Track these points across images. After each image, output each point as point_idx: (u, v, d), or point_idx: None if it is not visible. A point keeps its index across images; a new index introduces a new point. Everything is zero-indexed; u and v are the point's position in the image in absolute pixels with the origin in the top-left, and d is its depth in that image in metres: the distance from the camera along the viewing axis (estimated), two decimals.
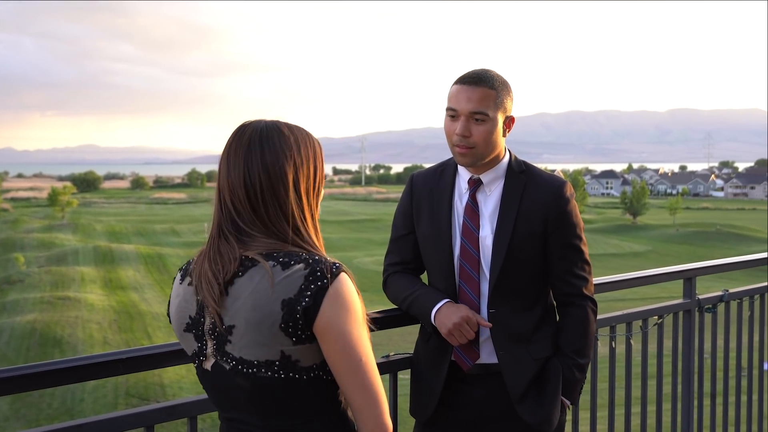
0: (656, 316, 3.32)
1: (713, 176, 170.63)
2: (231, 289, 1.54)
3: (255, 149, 1.60)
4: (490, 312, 2.37)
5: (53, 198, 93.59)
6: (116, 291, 44.75)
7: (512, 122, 2.40)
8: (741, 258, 3.86)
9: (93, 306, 38.52)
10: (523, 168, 2.43)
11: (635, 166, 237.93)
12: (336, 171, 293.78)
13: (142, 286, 47.32)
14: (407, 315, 2.49)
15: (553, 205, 2.37)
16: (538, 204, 2.37)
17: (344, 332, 1.52)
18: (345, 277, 1.54)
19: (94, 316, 36.48)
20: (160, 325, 35.95)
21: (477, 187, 2.42)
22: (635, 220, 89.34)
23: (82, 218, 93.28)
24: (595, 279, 2.66)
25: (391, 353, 2.53)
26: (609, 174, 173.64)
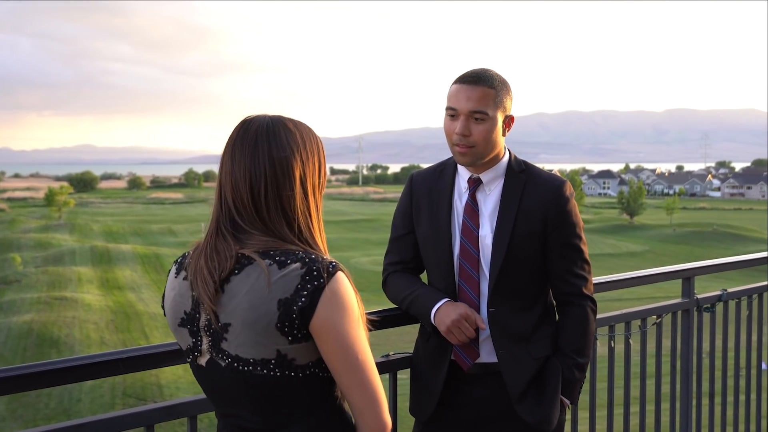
0: (655, 316, 3.32)
1: (710, 176, 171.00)
2: (227, 287, 1.53)
3: (262, 144, 1.58)
4: (490, 311, 2.36)
5: (50, 198, 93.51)
6: (113, 291, 44.70)
7: (512, 121, 2.40)
8: (739, 258, 3.86)
9: (90, 306, 38.48)
10: (523, 167, 2.43)
11: (632, 166, 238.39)
12: (333, 171, 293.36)
13: (139, 286, 47.27)
14: (406, 314, 2.48)
15: (553, 204, 2.36)
16: (538, 203, 2.36)
17: (341, 331, 1.52)
18: (341, 276, 1.53)
19: (91, 317, 36.43)
20: (158, 325, 35.92)
21: (477, 187, 2.41)
22: (632, 220, 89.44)
23: (79, 218, 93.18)
24: (594, 278, 2.65)
25: (391, 352, 2.53)
26: (606, 174, 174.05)
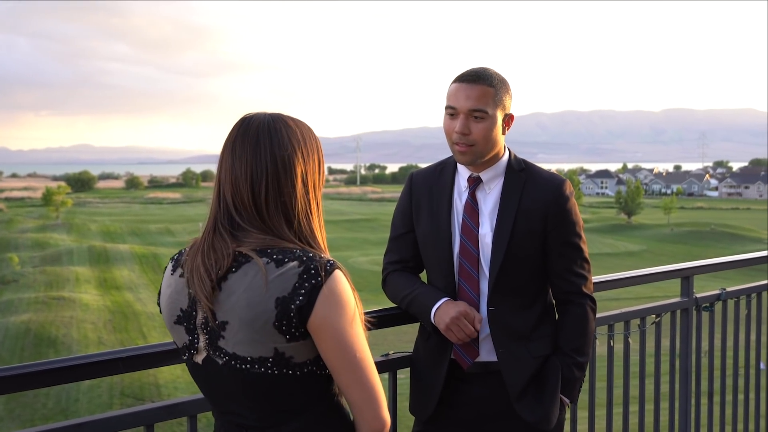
0: (654, 315, 3.32)
1: (708, 176, 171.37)
2: (224, 285, 1.52)
3: (264, 140, 1.58)
4: (490, 310, 2.36)
5: (47, 198, 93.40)
6: (111, 291, 44.67)
7: (511, 120, 2.39)
8: (738, 257, 3.86)
9: (88, 306, 38.45)
10: (523, 166, 2.43)
11: (630, 166, 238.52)
12: (331, 171, 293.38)
13: (137, 286, 47.25)
14: (405, 314, 2.48)
15: (553, 203, 2.36)
16: (538, 202, 2.36)
17: (339, 330, 1.51)
18: (339, 275, 1.53)
19: (89, 316, 36.41)
20: (155, 325, 35.90)
21: (476, 185, 2.41)
22: (630, 220, 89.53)
23: (77, 218, 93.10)
24: (594, 278, 2.65)
25: (391, 352, 2.53)
26: (604, 174, 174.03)
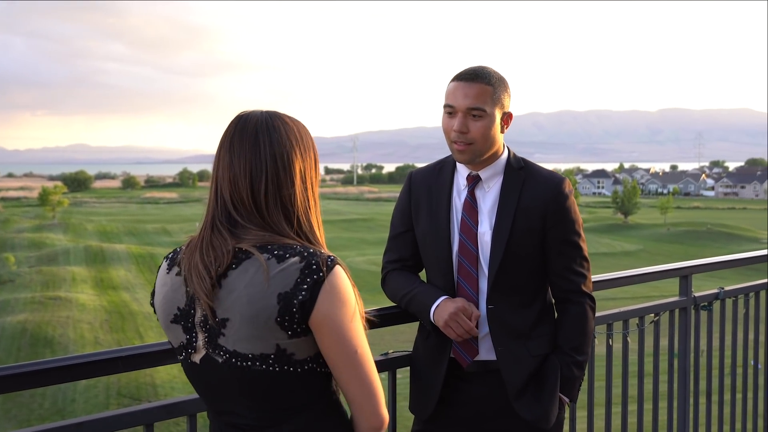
0: (653, 314, 3.32)
1: (704, 176, 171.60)
2: (224, 282, 1.51)
3: (263, 138, 1.57)
4: (489, 308, 2.36)
5: (44, 198, 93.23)
6: (107, 291, 44.61)
7: (510, 118, 2.39)
8: (737, 256, 3.85)
9: (84, 306, 38.39)
10: (522, 164, 2.43)
11: (626, 166, 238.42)
12: (328, 170, 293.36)
13: (134, 286, 47.18)
14: (404, 313, 2.48)
15: (552, 201, 2.36)
16: (537, 200, 2.36)
17: (339, 325, 1.51)
18: (340, 270, 1.53)
19: (86, 316, 36.36)
20: (152, 325, 35.84)
21: (476, 184, 2.41)
22: (626, 220, 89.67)
23: (73, 218, 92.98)
24: (593, 276, 2.65)
25: (390, 351, 2.52)
26: (600, 173, 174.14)
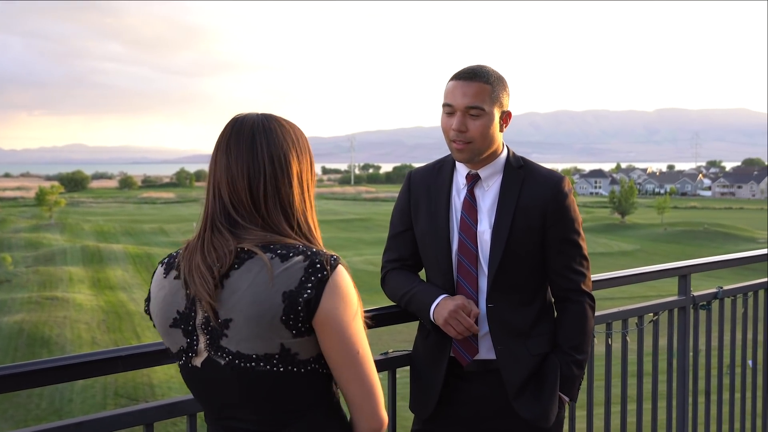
0: (652, 313, 3.32)
1: (701, 176, 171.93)
2: (226, 282, 1.51)
3: (260, 140, 1.58)
4: (489, 307, 2.36)
5: (41, 198, 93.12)
6: (105, 291, 44.59)
7: (509, 117, 2.39)
8: (736, 255, 3.85)
9: (81, 306, 38.38)
10: (522, 163, 2.43)
11: (623, 166, 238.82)
12: (325, 170, 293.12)
13: (131, 286, 47.16)
14: (403, 312, 2.48)
15: (552, 200, 2.36)
16: (537, 199, 2.36)
17: (342, 324, 1.51)
18: (343, 270, 1.53)
19: (83, 316, 36.34)
20: (149, 325, 35.79)
21: (475, 183, 2.40)
22: (624, 219, 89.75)
23: (70, 218, 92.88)
24: (593, 275, 2.65)
25: (390, 350, 2.52)
26: (597, 173, 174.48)
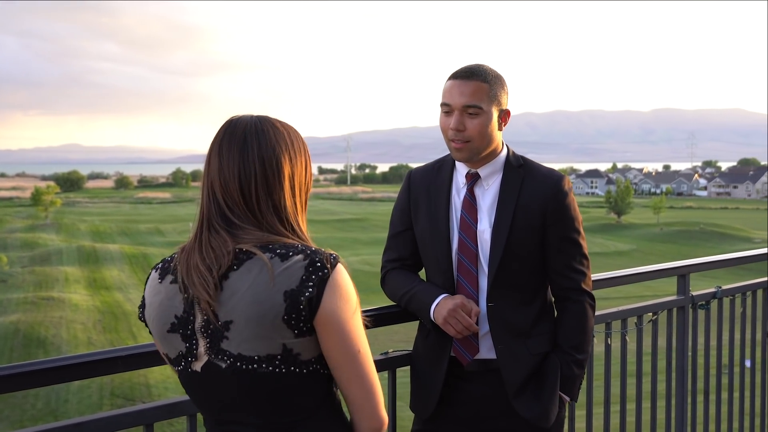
0: (651, 313, 3.32)
1: (697, 176, 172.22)
2: (225, 284, 1.50)
3: (251, 142, 1.58)
4: (489, 306, 2.35)
5: (36, 198, 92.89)
6: (101, 291, 44.53)
7: (508, 116, 2.39)
8: (735, 255, 3.85)
9: (77, 306, 38.32)
10: (521, 162, 2.42)
11: (620, 166, 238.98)
12: (321, 170, 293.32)
13: (127, 286, 47.12)
14: (403, 312, 2.47)
15: (552, 199, 2.36)
16: (537, 197, 2.35)
17: (343, 323, 1.51)
18: (342, 268, 1.53)
19: (79, 317, 36.28)
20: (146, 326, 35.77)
21: (475, 181, 2.40)
22: (620, 219, 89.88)
23: (66, 218, 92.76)
24: (593, 275, 2.64)
25: (390, 350, 2.52)
26: (593, 173, 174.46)
